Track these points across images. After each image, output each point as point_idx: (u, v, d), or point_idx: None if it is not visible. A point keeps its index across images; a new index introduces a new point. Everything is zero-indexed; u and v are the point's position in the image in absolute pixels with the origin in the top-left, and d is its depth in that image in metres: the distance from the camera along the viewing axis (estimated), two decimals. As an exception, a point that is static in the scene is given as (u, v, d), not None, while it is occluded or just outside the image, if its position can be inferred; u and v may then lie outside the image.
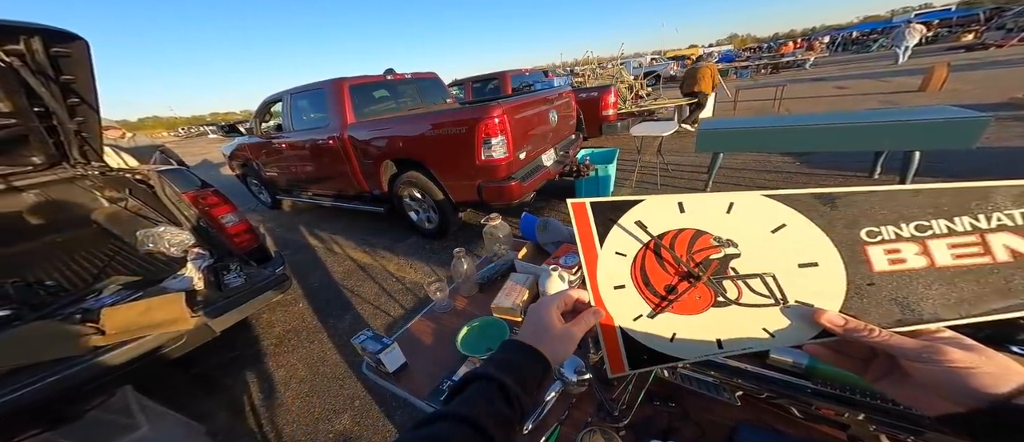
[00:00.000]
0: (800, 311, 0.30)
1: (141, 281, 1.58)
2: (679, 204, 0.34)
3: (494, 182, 2.59)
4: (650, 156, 4.27)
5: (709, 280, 0.32)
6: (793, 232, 0.31)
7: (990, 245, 0.28)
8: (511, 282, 1.16)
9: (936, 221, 0.29)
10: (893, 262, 0.29)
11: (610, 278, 0.35)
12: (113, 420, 1.25)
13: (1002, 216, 0.28)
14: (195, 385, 1.86)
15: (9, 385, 1.05)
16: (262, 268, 1.78)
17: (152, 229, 1.85)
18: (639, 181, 3.82)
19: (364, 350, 0.88)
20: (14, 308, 1.36)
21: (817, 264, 0.30)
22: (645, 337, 0.34)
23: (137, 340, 1.26)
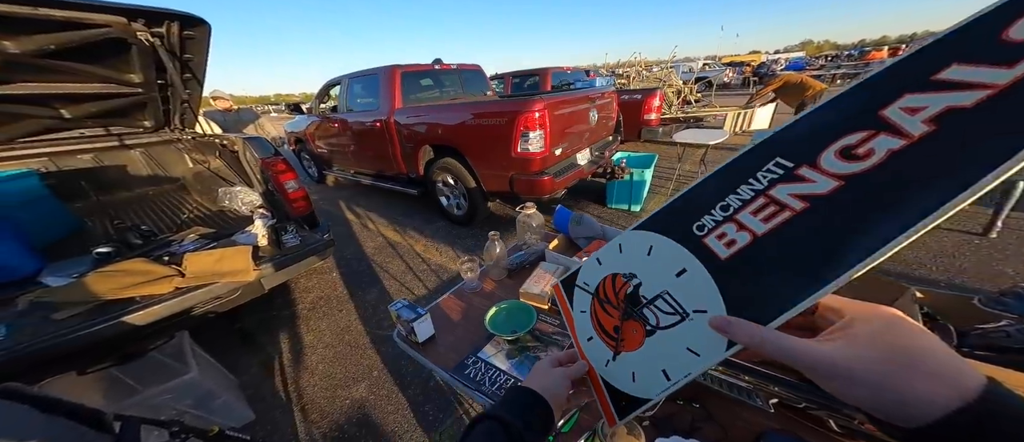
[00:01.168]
0: (702, 322, 0.31)
1: (215, 233, 1.81)
2: (597, 259, 0.43)
3: (527, 175, 2.62)
4: (691, 165, 4.08)
5: (631, 311, 0.37)
6: (660, 249, 0.36)
7: (778, 200, 0.28)
8: (541, 270, 1.19)
9: (730, 197, 0.32)
10: (727, 245, 0.31)
11: (583, 332, 0.43)
12: (168, 362, 1.41)
13: (767, 172, 0.30)
14: (236, 338, 2.07)
15: (100, 316, 1.24)
16: (313, 232, 1.95)
17: (231, 188, 2.10)
18: (676, 191, 3.65)
19: (399, 318, 0.94)
20: (116, 245, 1.62)
21: (686, 269, 0.33)
22: (617, 381, 0.38)
23: (205, 287, 1.45)
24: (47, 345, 1.13)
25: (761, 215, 0.29)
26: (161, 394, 1.14)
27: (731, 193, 0.32)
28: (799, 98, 4.47)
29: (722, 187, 0.33)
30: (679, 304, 0.33)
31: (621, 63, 8.64)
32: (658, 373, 0.33)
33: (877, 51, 20.03)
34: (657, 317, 0.35)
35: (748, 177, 0.31)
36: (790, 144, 0.30)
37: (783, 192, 0.28)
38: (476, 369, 0.85)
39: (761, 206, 0.29)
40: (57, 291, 1.23)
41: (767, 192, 0.29)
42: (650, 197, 3.46)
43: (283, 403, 1.62)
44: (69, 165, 2.41)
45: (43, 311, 1.22)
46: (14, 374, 1.10)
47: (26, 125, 1.97)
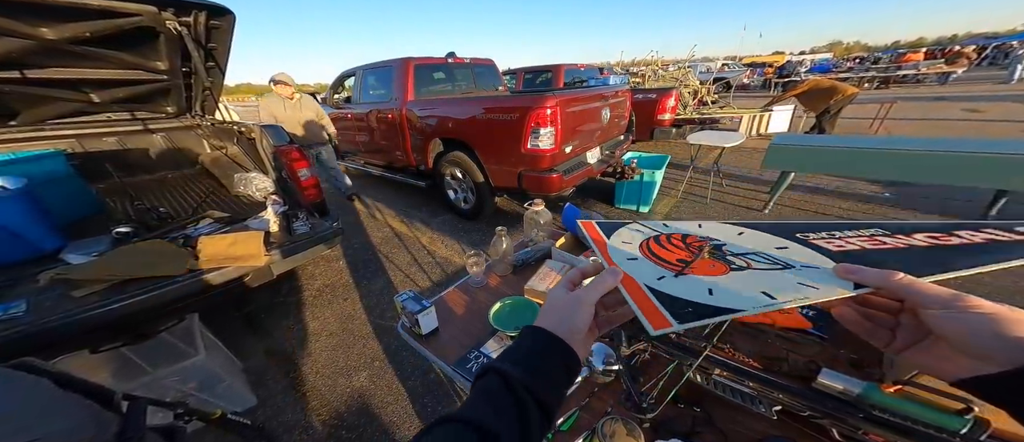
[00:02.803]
0: (822, 271, 0.32)
1: (229, 218, 1.85)
2: (663, 223, 0.43)
3: (535, 172, 2.61)
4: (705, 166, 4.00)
5: (713, 254, 0.36)
6: (752, 234, 0.39)
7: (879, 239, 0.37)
8: (547, 267, 1.18)
9: (834, 232, 0.39)
10: (836, 247, 0.35)
11: (622, 255, 0.37)
12: (177, 344, 1.46)
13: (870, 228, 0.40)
14: (243, 323, 2.12)
15: (114, 297, 1.29)
16: (323, 220, 1.99)
17: (246, 174, 2.15)
18: (686, 193, 3.60)
19: (404, 309, 0.95)
20: (135, 226, 1.67)
21: (787, 247, 0.36)
22: (679, 292, 0.31)
23: (217, 271, 1.49)
24: (66, 322, 1.18)
25: (866, 242, 0.36)
26: (169, 375, 1.18)
27: (839, 230, 0.39)
28: (825, 103, 4.30)
29: (829, 225, 0.40)
30: (781, 259, 0.34)
31: (636, 61, 8.49)
32: (755, 293, 0.30)
33: (913, 53, 18.48)
34: (748, 263, 0.34)
35: (854, 229, 0.39)
36: (888, 227, 0.39)
37: (889, 239, 0.37)
38: (478, 364, 0.85)
39: (866, 239, 0.37)
40: (76, 269, 1.28)
41: (874, 237, 0.37)
42: (659, 199, 3.41)
43: (285, 389, 1.65)
44: (95, 147, 2.49)
45: (62, 289, 1.27)
46: (34, 349, 1.16)
47: (56, 107, 2.04)
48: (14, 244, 1.43)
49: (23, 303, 1.21)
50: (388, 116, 3.42)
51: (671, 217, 3.11)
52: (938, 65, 13.14)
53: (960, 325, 0.23)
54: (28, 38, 1.40)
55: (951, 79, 12.11)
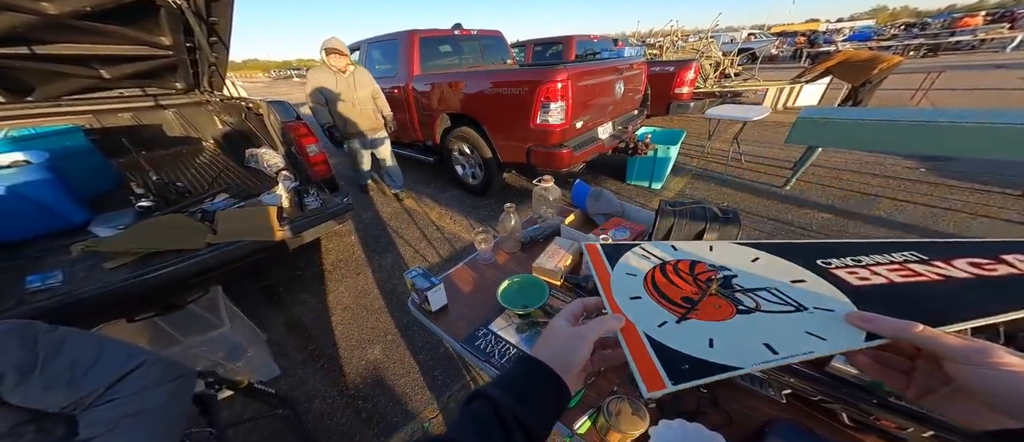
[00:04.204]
0: (835, 315, 0.30)
1: (243, 193, 1.90)
2: (671, 246, 0.40)
3: (545, 147, 2.55)
4: (722, 143, 3.83)
5: (720, 291, 0.34)
6: (768, 260, 0.36)
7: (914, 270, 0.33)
8: (555, 245, 1.17)
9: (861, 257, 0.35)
10: (860, 280, 0.33)
11: (624, 292, 0.36)
12: (204, 315, 1.51)
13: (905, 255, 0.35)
14: (263, 295, 2.20)
15: (143, 268, 1.35)
16: (333, 196, 2.01)
17: (256, 150, 2.17)
18: (701, 169, 3.47)
19: (413, 285, 0.96)
20: (154, 200, 1.73)
21: (805, 280, 0.33)
22: (679, 343, 0.30)
23: (236, 244, 1.54)
24: (100, 292, 1.25)
25: (896, 273, 0.33)
26: (199, 345, 1.24)
27: (864, 254, 0.35)
28: (864, 75, 3.92)
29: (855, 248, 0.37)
30: (793, 300, 0.32)
31: (654, 32, 7.99)
32: (757, 345, 0.29)
33: (970, 17, 15.99)
34: (758, 303, 0.32)
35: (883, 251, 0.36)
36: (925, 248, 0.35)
37: (921, 267, 0.33)
38: (486, 341, 0.86)
39: (896, 269, 0.33)
40: (105, 241, 1.34)
41: (904, 264, 0.34)
42: (673, 175, 3.30)
43: (305, 361, 1.74)
44: (111, 123, 2.55)
45: (94, 260, 1.33)
46: (73, 317, 1.24)
47: (69, 83, 2.07)
48: (44, 217, 1.50)
49: (59, 273, 1.28)
50: (394, 91, 3.35)
51: (684, 194, 3.03)
52: (999, 29, 11.63)
53: (988, 382, 0.23)
54: (29, 13, 1.40)
55: (1013, 46, 10.89)
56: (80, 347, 0.61)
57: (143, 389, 0.62)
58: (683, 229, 0.90)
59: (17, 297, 1.15)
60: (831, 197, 2.82)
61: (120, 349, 0.65)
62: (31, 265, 1.34)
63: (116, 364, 0.62)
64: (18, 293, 1.17)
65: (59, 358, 0.58)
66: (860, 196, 2.81)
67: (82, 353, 0.61)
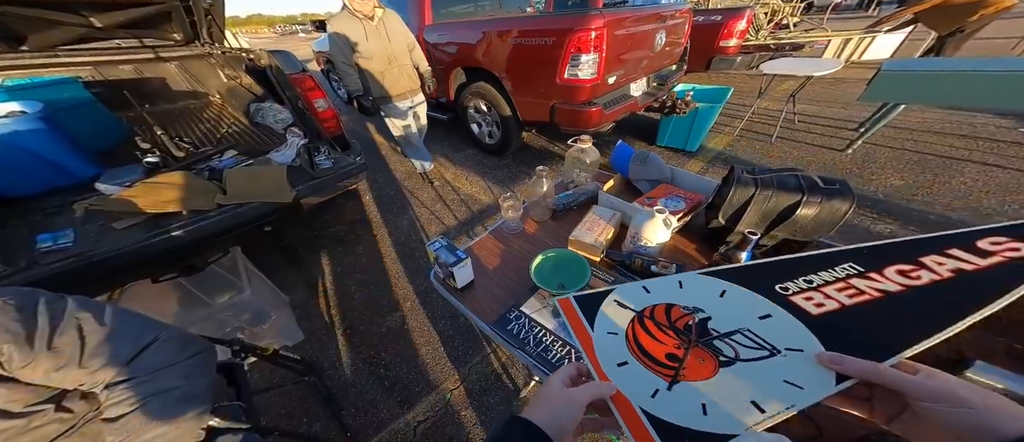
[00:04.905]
0: (805, 356, 0.31)
1: (252, 150, 1.80)
2: (643, 287, 0.40)
3: (572, 105, 2.31)
4: (772, 102, 3.42)
5: (699, 342, 0.34)
6: (736, 295, 0.38)
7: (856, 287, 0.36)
8: (594, 215, 1.03)
9: (811, 276, 0.38)
10: (817, 305, 0.35)
11: (610, 357, 0.36)
12: (225, 276, 1.50)
13: (845, 268, 0.38)
14: (283, 257, 2.19)
15: (157, 229, 1.29)
16: (345, 154, 1.90)
17: (261, 104, 2.03)
18: (746, 131, 3.10)
19: (437, 259, 0.85)
20: (162, 156, 1.64)
21: (772, 315, 0.35)
22: (673, 415, 0.31)
23: (248, 205, 1.46)
24: (114, 254, 1.20)
25: (844, 293, 0.36)
26: (224, 310, 1.22)
27: (812, 273, 0.38)
28: (959, 21, 3.24)
29: (803, 266, 0.39)
30: (766, 341, 0.33)
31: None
32: (745, 404, 0.30)
33: None
34: (735, 350, 0.33)
35: (826, 267, 0.39)
36: (860, 258, 0.39)
37: (862, 284, 0.36)
38: (519, 325, 0.76)
39: (843, 288, 0.36)
40: (109, 200, 1.27)
41: (847, 280, 0.37)
42: (711, 136, 2.99)
43: (327, 325, 1.73)
44: (113, 75, 2.44)
45: (101, 220, 1.28)
46: (90, 280, 1.21)
47: (61, 32, 1.93)
48: (50, 171, 1.44)
49: (71, 232, 1.23)
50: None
51: (723, 156, 2.75)
52: None
53: (950, 420, 0.25)
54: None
55: None
56: (88, 319, 0.55)
57: (163, 366, 0.58)
58: (767, 202, 0.72)
59: (28, 257, 1.11)
60: (904, 162, 2.49)
61: (132, 322, 0.59)
62: (42, 222, 1.30)
63: (129, 339, 0.57)
64: (29, 253, 1.14)
65: (66, 332, 0.53)
66: (940, 161, 2.47)
67: (91, 326, 0.55)
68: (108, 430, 0.54)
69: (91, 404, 0.59)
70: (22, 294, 0.53)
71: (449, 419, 1.32)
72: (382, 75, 2.14)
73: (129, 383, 0.55)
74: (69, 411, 0.56)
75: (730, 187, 0.76)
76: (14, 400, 0.49)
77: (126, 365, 0.55)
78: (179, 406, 0.58)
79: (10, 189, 1.38)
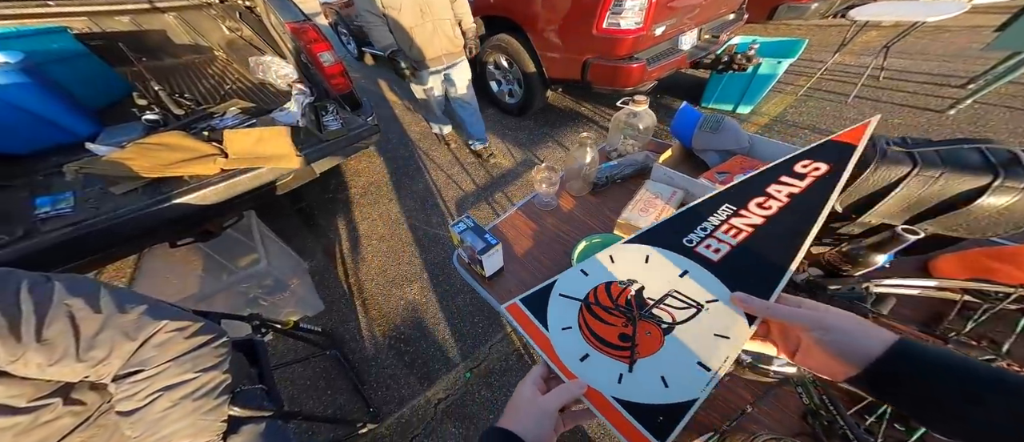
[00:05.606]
0: (721, 305, 0.36)
1: (254, 109, 1.65)
2: (581, 271, 0.43)
3: (610, 60, 2.01)
4: (850, 57, 2.91)
5: (643, 314, 0.37)
6: (657, 258, 0.41)
7: (735, 226, 0.42)
8: (649, 193, 0.84)
9: (704, 223, 0.43)
10: (715, 251, 0.39)
11: (571, 354, 0.37)
12: (243, 240, 1.45)
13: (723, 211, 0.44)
14: (299, 219, 2.13)
15: (157, 195, 1.20)
16: (355, 115, 1.73)
17: (262, 58, 1.86)
18: (814, 89, 2.64)
19: (462, 242, 0.71)
20: (162, 113, 1.52)
21: (688, 271, 0.39)
22: (641, 395, 0.33)
23: (255, 171, 1.35)
24: (116, 221, 1.12)
25: (729, 234, 0.41)
26: (244, 280, 1.16)
27: (705, 221, 0.43)
28: None
29: (698, 216, 0.44)
30: (690, 298, 0.37)
31: None
32: (694, 367, 0.33)
33: None
34: (671, 314, 0.37)
35: (713, 212, 0.43)
36: (731, 198, 0.44)
37: (738, 222, 0.42)
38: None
39: (729, 230, 0.41)
40: (101, 162, 1.17)
41: (728, 221, 0.42)
42: (769, 97, 2.58)
43: (346, 295, 1.68)
44: (110, 26, 2.28)
45: (100, 183, 1.19)
46: (97, 249, 1.14)
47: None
48: (41, 127, 1.35)
49: (70, 196, 1.16)
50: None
51: (783, 121, 2.40)
52: None
53: (831, 345, 0.30)
54: None
55: None
56: (80, 306, 0.48)
57: (172, 357, 0.52)
58: (927, 185, 0.52)
59: (26, 224, 1.04)
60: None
61: (130, 309, 0.52)
62: (42, 183, 1.23)
63: (130, 327, 0.51)
64: (28, 219, 1.07)
65: (56, 322, 0.46)
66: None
67: (84, 314, 0.48)
68: (124, 424, 0.50)
69: (103, 395, 0.55)
70: None
71: (470, 398, 1.27)
72: (412, 31, 1.68)
73: (137, 377, 0.50)
74: (81, 403, 0.53)
75: (857, 163, 0.55)
76: (15, 395, 0.45)
77: (131, 357, 0.50)
78: (193, 400, 0.53)
79: (3, 145, 1.30)
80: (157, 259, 1.41)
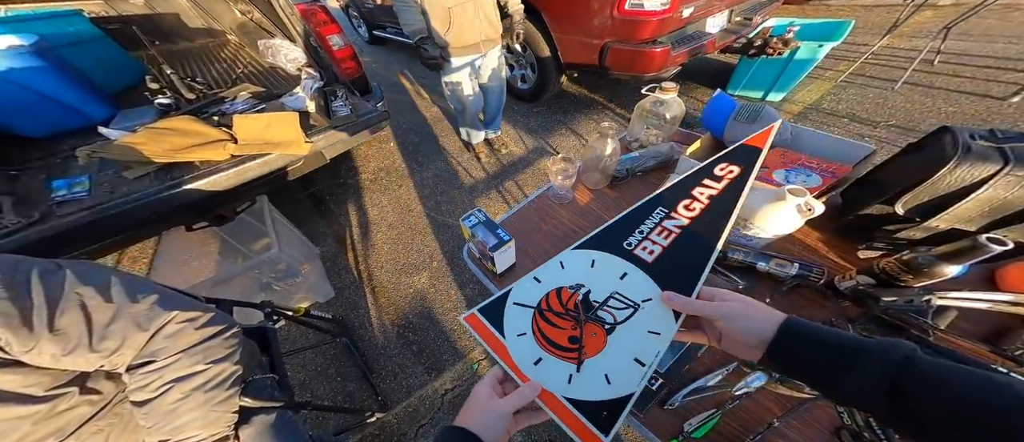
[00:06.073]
0: (655, 304, 0.39)
1: (264, 93, 1.63)
2: (535, 278, 0.44)
3: (630, 43, 1.89)
4: (899, 40, 2.66)
5: (589, 316, 0.40)
6: (602, 262, 0.44)
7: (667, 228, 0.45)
8: (676, 189, 0.77)
9: (641, 226, 0.46)
10: (649, 253, 0.43)
11: (526, 358, 0.39)
12: (256, 225, 1.44)
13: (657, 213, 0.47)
14: (311, 204, 2.13)
15: (168, 180, 1.19)
16: (365, 100, 1.68)
17: (271, 41, 1.82)
18: (857, 75, 2.43)
19: (473, 236, 0.67)
20: (174, 97, 1.51)
21: (627, 273, 0.42)
22: (588, 393, 0.36)
23: (264, 157, 1.34)
24: (130, 206, 1.13)
25: (661, 236, 0.44)
26: (258, 265, 1.17)
27: (642, 224, 0.45)
28: None
29: (637, 219, 0.46)
30: (629, 299, 0.40)
31: None
32: (631, 363, 0.37)
33: None
34: (613, 315, 0.39)
35: (648, 215, 0.46)
36: (663, 201, 0.47)
37: (668, 224, 0.45)
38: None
39: (660, 232, 0.44)
40: (112, 146, 1.17)
41: (660, 223, 0.45)
42: (805, 83, 2.39)
43: (355, 282, 1.68)
44: (124, 9, 2.28)
45: (113, 167, 1.19)
46: (114, 232, 1.15)
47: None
48: (56, 110, 1.36)
49: (86, 179, 1.17)
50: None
51: (818, 109, 2.23)
52: None
53: (737, 332, 0.34)
54: None
55: None
56: (91, 295, 0.48)
57: (183, 348, 0.52)
58: (1017, 187, 0.45)
59: (42, 208, 1.06)
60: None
61: (141, 299, 0.52)
62: (58, 166, 1.25)
63: (142, 317, 0.50)
64: (44, 203, 1.09)
65: (69, 311, 0.46)
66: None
67: (96, 303, 0.48)
68: (138, 414, 0.51)
69: (118, 385, 0.55)
70: (7, 265, 0.45)
71: (477, 391, 1.26)
72: (452, 12, 1.45)
73: (149, 368, 0.50)
74: (97, 392, 0.53)
75: (929, 159, 0.48)
76: (32, 384, 0.45)
77: (143, 347, 0.50)
78: (205, 391, 0.53)
79: (21, 127, 1.32)
80: (175, 242, 1.44)
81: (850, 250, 0.65)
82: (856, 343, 0.30)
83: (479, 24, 1.56)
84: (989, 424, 0.23)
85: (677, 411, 0.55)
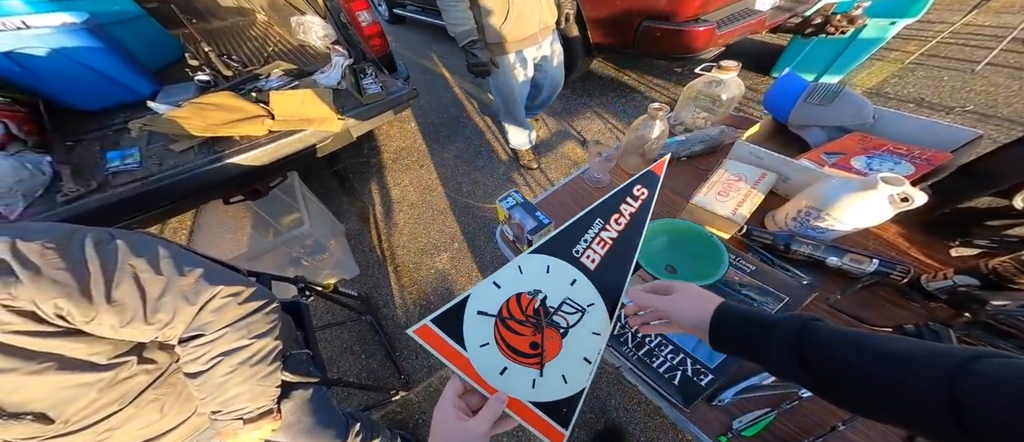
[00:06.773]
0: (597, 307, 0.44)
1: (296, 71, 1.65)
2: (494, 283, 0.43)
3: (671, 22, 1.75)
4: (987, 17, 2.36)
5: (547, 322, 0.42)
6: (555, 268, 0.45)
7: (603, 238, 0.47)
8: (729, 174, 0.71)
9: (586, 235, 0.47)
10: (591, 261, 0.46)
11: (490, 369, 0.38)
12: (287, 200, 1.48)
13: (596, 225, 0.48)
14: (336, 181, 2.17)
15: (211, 154, 1.24)
16: (392, 77, 1.68)
17: (302, 17, 1.83)
18: (929, 55, 2.19)
19: (510, 218, 0.64)
20: (212, 74, 1.55)
21: (575, 280, 0.45)
22: (550, 394, 0.38)
23: (299, 133, 1.36)
24: (180, 178, 1.18)
25: (599, 246, 0.47)
26: (289, 241, 1.21)
27: (586, 233, 0.47)
28: None
29: (583, 227, 0.48)
30: (578, 303, 0.44)
31: None
32: (582, 362, 0.41)
33: None
34: (566, 319, 0.42)
35: (590, 226, 0.48)
36: (600, 213, 0.48)
37: (604, 235, 0.48)
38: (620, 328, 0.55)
39: (599, 242, 0.47)
40: (160, 120, 1.22)
41: (598, 234, 0.48)
42: (868, 64, 2.16)
43: (379, 261, 1.71)
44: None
45: (161, 139, 1.24)
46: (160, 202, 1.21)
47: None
48: (108, 86, 1.42)
49: (136, 151, 1.23)
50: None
51: (881, 92, 2.03)
52: None
53: (685, 322, 0.41)
54: None
55: None
56: (143, 267, 0.49)
57: (228, 323, 0.54)
58: None
59: (99, 178, 1.12)
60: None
61: (188, 272, 0.52)
62: (111, 138, 1.31)
63: (190, 291, 0.51)
64: (100, 172, 1.15)
65: (124, 283, 0.46)
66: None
67: (148, 275, 0.49)
68: (191, 385, 0.53)
69: (172, 355, 0.57)
70: (61, 234, 0.45)
71: (499, 374, 1.26)
72: (508, 2, 1.26)
73: (199, 341, 0.52)
74: (153, 362, 0.55)
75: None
76: (96, 352, 0.47)
77: (191, 321, 0.52)
78: (251, 366, 0.55)
79: (75, 101, 1.39)
80: (212, 215, 1.50)
81: (937, 246, 0.58)
82: (770, 320, 0.35)
83: (540, 12, 1.37)
84: (852, 376, 0.29)
85: (727, 408, 0.52)
